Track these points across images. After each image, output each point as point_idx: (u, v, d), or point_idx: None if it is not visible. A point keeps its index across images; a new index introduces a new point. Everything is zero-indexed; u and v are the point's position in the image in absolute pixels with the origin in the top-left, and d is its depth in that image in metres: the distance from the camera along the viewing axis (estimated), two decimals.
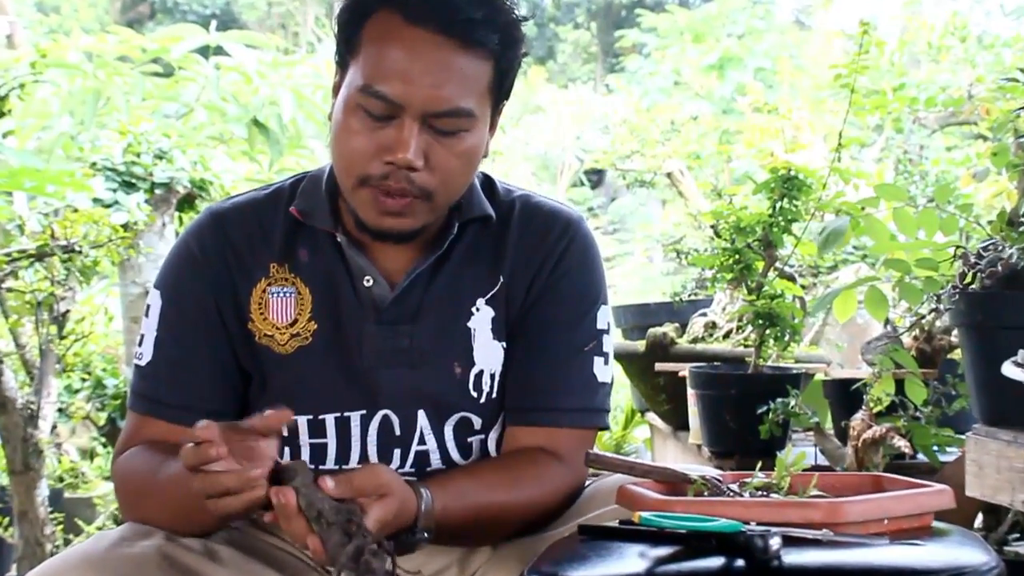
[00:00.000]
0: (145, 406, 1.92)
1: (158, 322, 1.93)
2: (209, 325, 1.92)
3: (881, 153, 5.97)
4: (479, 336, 1.93)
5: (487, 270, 1.95)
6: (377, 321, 1.90)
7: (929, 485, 1.63)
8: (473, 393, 1.93)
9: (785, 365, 3.35)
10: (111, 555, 1.71)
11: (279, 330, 1.91)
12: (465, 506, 1.78)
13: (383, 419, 1.91)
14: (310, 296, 1.92)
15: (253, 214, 1.97)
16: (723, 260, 3.22)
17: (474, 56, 1.79)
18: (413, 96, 1.76)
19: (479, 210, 1.95)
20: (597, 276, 2.01)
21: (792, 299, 3.19)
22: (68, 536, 5.11)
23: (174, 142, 5.67)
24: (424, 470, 1.92)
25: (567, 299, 1.96)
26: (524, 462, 1.89)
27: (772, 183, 3.17)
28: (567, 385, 1.93)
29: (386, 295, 1.91)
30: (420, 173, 1.80)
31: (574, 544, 1.55)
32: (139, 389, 1.94)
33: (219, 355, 1.92)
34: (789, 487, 1.67)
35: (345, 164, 1.84)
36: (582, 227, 2.01)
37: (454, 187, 1.86)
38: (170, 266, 1.97)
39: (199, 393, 1.90)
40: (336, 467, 1.91)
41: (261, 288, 1.93)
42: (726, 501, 1.57)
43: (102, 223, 4.48)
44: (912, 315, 2.73)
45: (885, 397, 2.65)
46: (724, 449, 3.24)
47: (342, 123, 1.82)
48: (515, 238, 1.97)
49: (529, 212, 2.00)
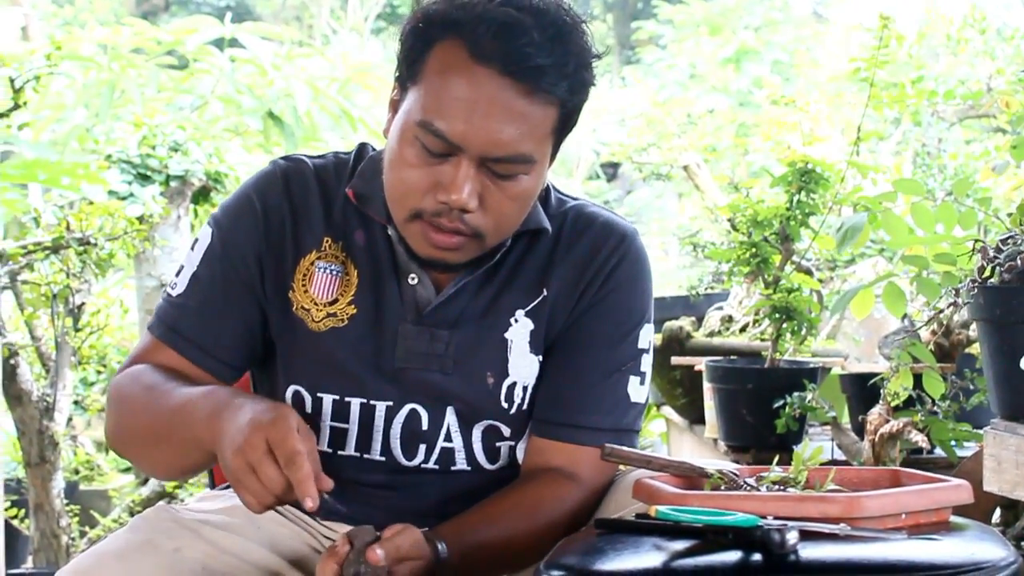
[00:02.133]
0: (164, 333, 1.89)
1: (201, 259, 1.90)
2: (247, 281, 1.89)
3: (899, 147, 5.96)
4: (515, 348, 1.90)
5: (531, 282, 1.91)
6: (415, 322, 1.87)
7: (947, 480, 1.62)
8: (504, 404, 1.90)
9: (802, 359, 3.36)
10: (148, 560, 1.68)
11: (317, 306, 1.88)
12: (481, 547, 1.76)
13: (410, 412, 1.88)
14: (356, 279, 1.89)
15: (318, 182, 1.92)
16: (740, 254, 3.22)
17: (539, 102, 1.72)
18: (472, 139, 1.70)
19: (535, 223, 1.90)
20: (645, 294, 1.95)
21: (809, 293, 3.19)
22: (84, 528, 5.12)
23: (189, 134, 5.68)
24: (449, 468, 1.90)
25: (612, 316, 1.92)
26: (542, 489, 1.86)
27: (789, 176, 3.17)
28: (598, 404, 1.90)
29: (429, 297, 1.88)
30: (474, 215, 1.75)
31: (590, 538, 1.55)
32: (163, 315, 1.91)
33: (248, 312, 1.89)
34: (806, 481, 1.67)
35: (398, 196, 1.79)
36: (636, 242, 1.95)
37: (506, 228, 1.83)
38: (228, 210, 1.93)
39: (219, 341, 1.88)
40: (356, 454, 1.89)
41: (310, 260, 1.89)
42: (743, 495, 1.56)
43: (117, 215, 4.49)
44: (930, 309, 2.72)
45: (903, 391, 2.64)
46: (740, 443, 3.24)
47: (397, 152, 1.77)
48: (564, 251, 1.92)
49: (582, 224, 1.94)
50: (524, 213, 1.84)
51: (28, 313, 4.68)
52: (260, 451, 1.56)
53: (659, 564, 1.40)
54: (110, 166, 5.24)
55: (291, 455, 1.55)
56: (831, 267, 4.56)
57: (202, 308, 1.89)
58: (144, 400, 1.80)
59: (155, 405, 1.78)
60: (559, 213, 1.95)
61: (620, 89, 12.95)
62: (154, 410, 1.77)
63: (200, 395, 1.74)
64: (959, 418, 2.76)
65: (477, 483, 1.90)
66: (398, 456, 1.90)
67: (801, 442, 3.11)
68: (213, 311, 1.88)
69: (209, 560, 1.71)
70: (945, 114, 5.40)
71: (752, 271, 3.22)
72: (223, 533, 1.78)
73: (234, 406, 1.65)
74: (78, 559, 1.69)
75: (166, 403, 1.76)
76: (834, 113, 6.26)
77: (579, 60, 1.75)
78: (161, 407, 1.76)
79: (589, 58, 1.78)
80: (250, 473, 1.57)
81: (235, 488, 1.60)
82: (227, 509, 1.87)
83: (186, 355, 1.87)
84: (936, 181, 4.76)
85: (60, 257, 4.51)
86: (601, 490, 1.89)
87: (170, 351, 1.88)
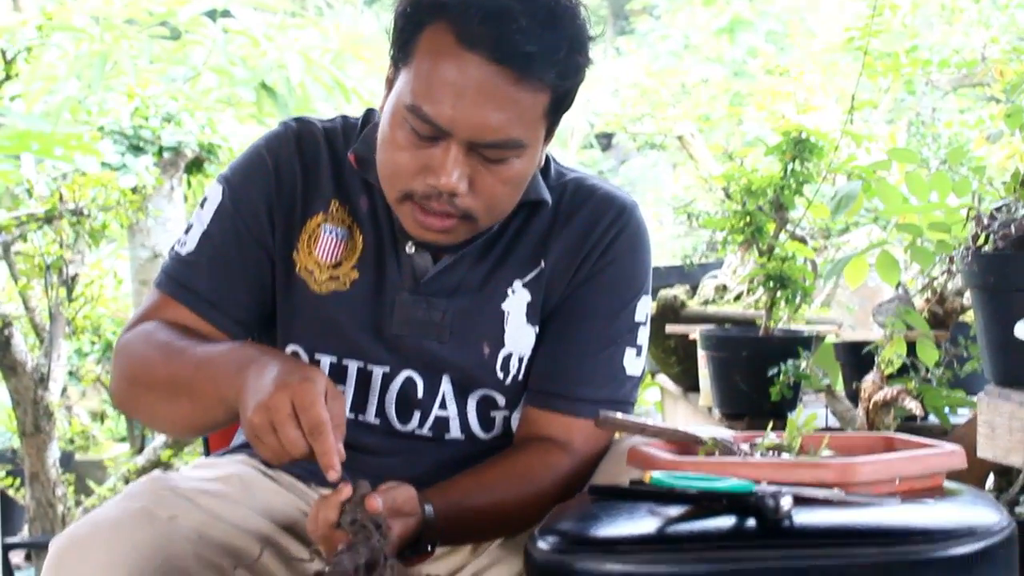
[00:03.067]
0: (174, 289, 1.88)
1: (212, 217, 1.90)
2: (259, 238, 1.88)
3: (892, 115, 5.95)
4: (512, 319, 1.90)
5: (529, 253, 1.91)
6: (412, 291, 1.88)
7: (940, 445, 1.63)
8: (499, 374, 1.91)
9: (796, 327, 3.35)
10: (143, 529, 1.65)
11: (320, 268, 1.88)
12: (469, 512, 1.76)
13: (406, 379, 1.89)
14: (361, 245, 1.89)
15: (328, 145, 1.92)
16: (734, 223, 3.21)
17: (529, 88, 1.70)
18: (460, 124, 1.69)
19: (535, 194, 1.90)
20: (644, 266, 1.95)
21: (803, 261, 3.18)
22: (79, 497, 5.13)
23: (182, 105, 5.66)
24: (443, 436, 1.91)
25: (610, 288, 1.92)
26: (534, 457, 1.86)
27: (783, 146, 3.16)
28: (593, 375, 1.90)
29: (426, 266, 1.88)
30: (464, 197, 1.75)
31: (584, 504, 1.56)
32: (173, 272, 1.90)
33: (259, 269, 1.89)
34: (800, 448, 1.67)
35: (388, 176, 1.79)
36: (635, 214, 1.95)
37: (499, 210, 1.82)
38: (238, 168, 1.93)
39: (232, 297, 1.87)
40: (351, 416, 1.89)
41: (316, 221, 1.89)
42: (737, 461, 1.57)
43: (110, 186, 4.48)
44: (924, 277, 2.73)
45: (896, 359, 2.65)
46: (735, 411, 3.24)
47: (388, 134, 1.77)
48: (563, 223, 1.92)
49: (582, 196, 1.94)
50: (517, 195, 1.83)
51: (22, 284, 4.68)
52: (284, 412, 1.55)
53: (653, 530, 1.40)
54: (103, 137, 5.23)
55: (316, 424, 1.55)
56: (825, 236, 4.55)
57: (213, 265, 1.88)
58: (161, 356, 1.78)
59: (174, 360, 1.76)
60: (558, 185, 1.95)
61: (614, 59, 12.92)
62: (174, 365, 1.76)
63: (224, 350, 1.73)
64: (953, 385, 2.76)
65: (471, 452, 1.90)
66: (392, 420, 1.90)
67: (795, 410, 3.11)
68: (225, 268, 1.88)
69: (205, 528, 1.71)
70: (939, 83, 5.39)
71: (746, 240, 3.21)
72: (218, 501, 1.78)
73: (261, 363, 1.64)
74: (73, 527, 1.67)
75: (187, 358, 1.75)
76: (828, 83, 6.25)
77: (572, 44, 1.73)
78: (182, 362, 1.75)
79: (583, 41, 1.75)
80: (271, 433, 1.57)
81: (252, 443, 1.60)
82: (222, 477, 1.86)
83: (198, 311, 1.86)
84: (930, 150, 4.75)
85: (53, 228, 4.51)
86: (594, 460, 1.89)
87: (180, 308, 1.87)
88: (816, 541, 1.36)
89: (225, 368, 1.68)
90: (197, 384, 1.71)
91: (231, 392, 1.65)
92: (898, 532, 1.37)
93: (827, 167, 3.19)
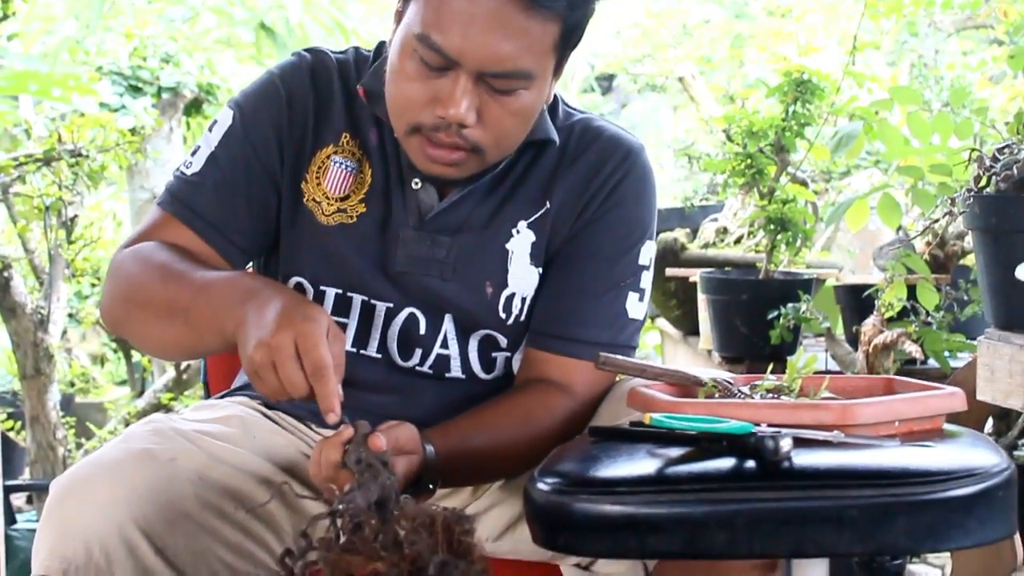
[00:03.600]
0: (178, 208, 1.87)
1: (220, 140, 1.89)
2: (267, 165, 1.88)
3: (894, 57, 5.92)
4: (516, 259, 1.90)
5: (535, 194, 1.91)
6: (417, 227, 1.87)
7: (940, 387, 1.63)
8: (502, 314, 1.90)
9: (796, 271, 3.36)
10: (144, 470, 1.65)
11: (328, 200, 1.88)
12: (468, 453, 1.76)
13: (409, 316, 1.89)
14: (370, 179, 1.89)
15: (340, 77, 1.91)
16: (735, 165, 3.21)
17: (539, 18, 1.70)
18: (469, 53, 1.68)
19: (542, 133, 1.89)
20: (649, 210, 1.95)
21: (804, 204, 3.18)
22: (80, 440, 5.15)
23: (180, 46, 5.64)
24: (443, 375, 1.91)
25: (614, 231, 1.91)
26: (534, 399, 1.86)
27: (785, 87, 3.15)
28: (595, 318, 1.90)
29: (432, 203, 1.88)
30: (472, 129, 1.74)
31: (584, 445, 1.56)
32: (176, 191, 1.88)
33: (265, 196, 1.88)
34: (800, 390, 1.67)
35: (397, 109, 1.78)
36: (641, 157, 1.95)
37: (507, 143, 1.82)
38: (251, 94, 1.92)
39: (236, 222, 1.87)
40: (353, 350, 1.89)
41: (326, 153, 1.89)
42: (737, 403, 1.57)
43: (109, 127, 4.46)
44: (925, 220, 2.72)
45: (897, 302, 2.65)
46: (735, 354, 3.25)
47: (397, 65, 1.76)
48: (570, 163, 1.92)
49: (589, 137, 1.94)
50: (526, 128, 1.83)
51: (20, 226, 4.67)
52: (286, 352, 1.54)
53: (653, 471, 1.41)
54: (101, 78, 5.21)
55: (319, 366, 1.54)
56: (826, 179, 4.55)
57: (219, 187, 1.87)
58: (159, 277, 1.76)
59: (172, 283, 1.74)
60: (566, 126, 1.95)
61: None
62: (171, 288, 1.73)
63: (225, 278, 1.71)
64: (953, 329, 2.76)
65: (472, 392, 1.91)
66: (394, 355, 1.90)
67: (795, 353, 3.12)
68: (230, 191, 1.86)
69: (205, 470, 1.71)
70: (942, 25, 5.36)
71: (747, 182, 3.21)
72: (219, 443, 1.78)
73: (263, 296, 1.62)
74: (73, 469, 1.67)
75: (186, 282, 1.72)
76: (830, 24, 6.21)
77: None
78: (180, 285, 1.72)
79: None
80: (271, 370, 1.55)
81: (251, 379, 1.59)
82: (223, 419, 1.86)
83: (200, 233, 1.85)
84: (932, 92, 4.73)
85: (52, 169, 4.50)
86: (594, 403, 1.89)
87: (181, 228, 1.86)
88: (815, 482, 1.36)
89: (225, 297, 1.66)
90: (195, 310, 1.69)
91: (230, 323, 1.63)
92: (897, 473, 1.37)
93: (829, 108, 3.18)
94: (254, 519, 1.73)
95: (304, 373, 1.55)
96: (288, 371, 1.55)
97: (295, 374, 1.55)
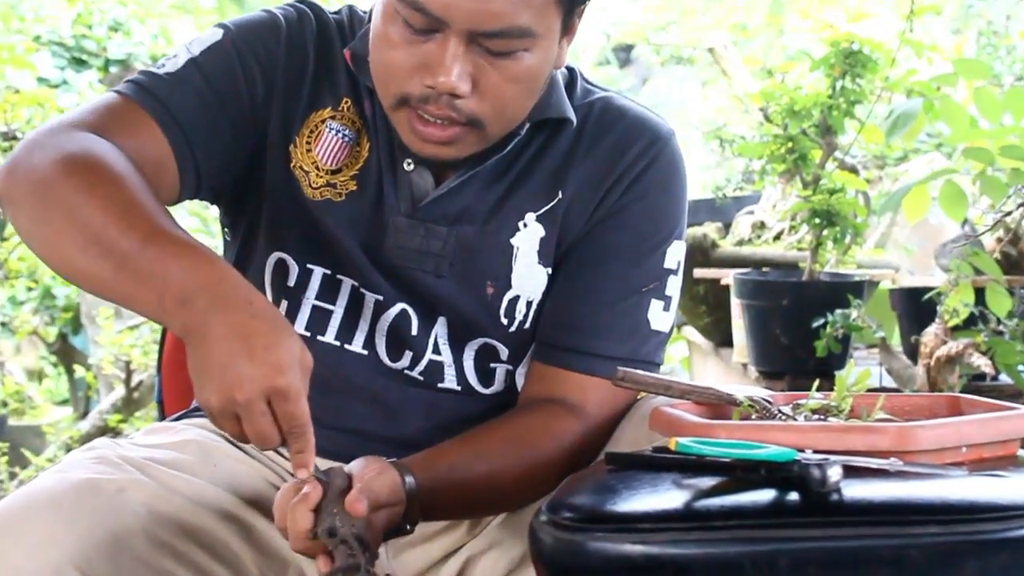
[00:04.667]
0: (142, 96, 1.80)
1: (204, 51, 1.85)
2: (252, 99, 1.85)
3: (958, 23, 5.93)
4: (522, 256, 1.89)
5: (547, 181, 1.90)
6: (409, 214, 1.87)
7: (1015, 408, 1.62)
8: (503, 320, 1.90)
9: (846, 271, 3.36)
10: (86, 503, 1.62)
11: (317, 170, 1.87)
12: (458, 483, 1.75)
13: (400, 313, 1.88)
14: (367, 153, 1.88)
15: (341, 37, 1.91)
16: (774, 149, 3.21)
17: None
18: (456, 10, 1.67)
19: (557, 111, 1.88)
20: (677, 204, 1.94)
21: (854, 194, 3.19)
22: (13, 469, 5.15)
23: (131, 12, 5.65)
24: (436, 384, 1.90)
25: (637, 227, 1.90)
26: (539, 420, 1.85)
27: (832, 59, 3.15)
28: (612, 328, 1.88)
29: (427, 187, 1.87)
30: (467, 100, 1.73)
31: (600, 475, 1.55)
32: (144, 82, 1.82)
33: (243, 133, 1.84)
34: (851, 410, 1.67)
35: (382, 79, 1.78)
36: (670, 144, 1.93)
37: (510, 115, 1.80)
38: (245, 21, 1.90)
39: (210, 141, 1.81)
40: (337, 343, 1.88)
41: (322, 116, 1.88)
42: (777, 425, 1.56)
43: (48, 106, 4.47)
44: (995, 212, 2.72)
45: (963, 308, 2.65)
46: (774, 368, 3.25)
47: (380, 31, 1.75)
48: (586, 148, 1.91)
49: (610, 118, 1.93)
50: (530, 97, 1.82)
51: None
52: (256, 409, 1.51)
53: (680, 504, 1.40)
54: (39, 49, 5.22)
55: (297, 423, 1.52)
56: (880, 165, 4.55)
57: (201, 95, 1.82)
58: (106, 195, 1.64)
59: (122, 213, 1.62)
60: (584, 104, 1.94)
61: None
62: (117, 218, 1.61)
63: (190, 247, 1.60)
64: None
65: (469, 409, 1.90)
66: (382, 354, 1.89)
67: (844, 367, 3.12)
68: (213, 104, 1.83)
69: (157, 503, 1.71)
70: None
71: (788, 169, 3.22)
72: (173, 472, 1.77)
73: (228, 306, 1.54)
74: (4, 502, 1.64)
75: (142, 220, 1.61)
76: None
77: None
78: (131, 221, 1.61)
79: None
80: (234, 420, 1.53)
81: (210, 419, 1.56)
82: (178, 444, 1.86)
83: (167, 130, 1.79)
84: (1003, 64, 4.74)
85: None
86: (610, 426, 1.88)
87: (146, 118, 1.79)
88: (869, 518, 1.36)
89: (179, 275, 1.56)
90: (134, 262, 1.58)
91: (176, 320, 1.56)
92: (964, 508, 1.37)
93: (883, 83, 3.18)
94: (213, 559, 1.73)
95: (278, 427, 1.53)
96: (258, 426, 1.52)
97: (268, 429, 1.52)
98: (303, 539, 1.57)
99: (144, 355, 5.38)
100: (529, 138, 1.89)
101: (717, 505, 1.40)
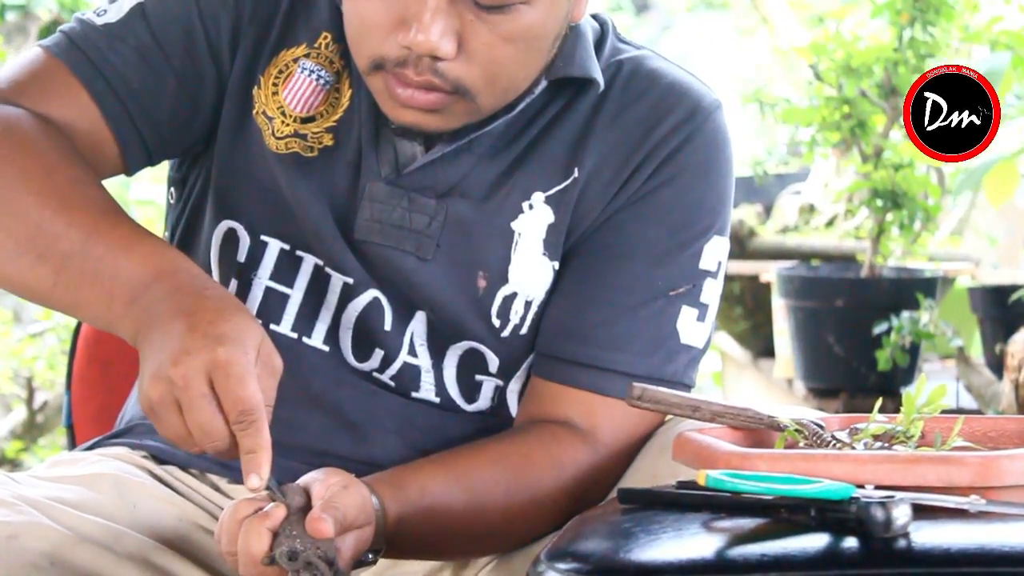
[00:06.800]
0: (72, 55, 1.82)
1: None
2: (213, 43, 1.87)
3: None
4: (524, 244, 1.89)
5: (561, 156, 1.89)
6: (391, 180, 1.86)
7: None
8: (495, 320, 1.90)
9: (914, 265, 3.37)
10: None
11: (284, 117, 1.87)
12: (435, 512, 1.75)
13: (372, 302, 1.88)
14: (347, 102, 1.89)
15: None
16: (826, 115, 3.22)
17: None
18: None
19: (579, 70, 1.87)
20: (720, 192, 1.93)
21: (926, 170, 3.19)
22: None
23: None
24: (410, 392, 1.90)
25: (668, 216, 1.89)
26: (538, 444, 1.85)
27: (898, 3, 3.16)
28: (632, 339, 1.88)
29: (412, 151, 1.87)
30: (452, 63, 1.73)
31: (613, 515, 1.56)
32: (76, 36, 1.84)
33: (200, 88, 1.87)
34: (921, 436, 1.67)
35: (354, 37, 1.78)
36: (715, 116, 1.93)
37: (505, 83, 1.80)
38: None
39: (154, 106, 1.84)
40: (294, 335, 1.89)
41: (294, 54, 1.89)
42: (831, 455, 1.57)
43: None
44: None
45: None
46: (826, 384, 3.26)
47: None
48: (611, 117, 1.90)
49: (640, 83, 1.92)
50: (532, 61, 1.81)
51: None
52: (195, 388, 1.52)
53: (711, 553, 1.40)
54: None
55: (244, 408, 1.52)
56: None
57: (144, 52, 1.84)
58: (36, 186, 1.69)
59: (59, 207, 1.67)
60: (611, 64, 1.93)
61: None
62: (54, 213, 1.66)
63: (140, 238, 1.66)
64: None
65: (449, 429, 1.91)
66: (345, 351, 1.90)
67: (913, 382, 3.12)
68: (158, 62, 1.85)
69: (60, 550, 1.71)
70: None
71: (844, 139, 3.23)
72: (82, 515, 1.77)
73: (182, 293, 1.59)
74: None
75: (81, 213, 1.67)
76: None
77: None
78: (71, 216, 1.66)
79: None
80: (174, 412, 1.54)
81: (148, 416, 1.58)
82: (89, 479, 1.86)
83: (101, 104, 1.82)
84: None
85: None
86: (625, 456, 1.88)
87: (72, 90, 1.82)
88: (944, 568, 1.36)
89: (128, 270, 1.62)
90: (77, 263, 1.64)
91: (126, 321, 1.61)
92: None
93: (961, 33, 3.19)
94: None
95: (223, 417, 1.54)
96: (199, 414, 1.53)
97: (210, 419, 1.53)
98: (256, 565, 1.56)
99: (50, 369, 5.38)
100: (546, 100, 1.89)
101: (756, 554, 1.40)
